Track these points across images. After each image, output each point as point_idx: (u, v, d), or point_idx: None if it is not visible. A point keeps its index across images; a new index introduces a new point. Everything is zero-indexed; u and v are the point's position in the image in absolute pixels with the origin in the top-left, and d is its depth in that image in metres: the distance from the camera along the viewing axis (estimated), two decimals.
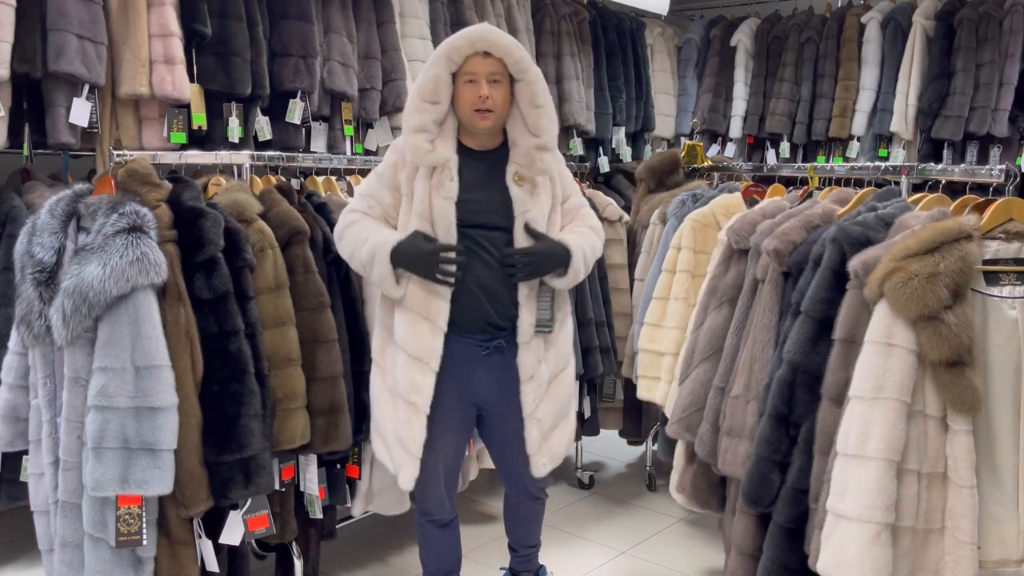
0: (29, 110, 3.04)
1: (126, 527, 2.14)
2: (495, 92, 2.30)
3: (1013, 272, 2.08)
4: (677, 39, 5.98)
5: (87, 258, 2.12)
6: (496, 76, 2.30)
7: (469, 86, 2.30)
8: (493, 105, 2.30)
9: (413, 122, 2.31)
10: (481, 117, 2.31)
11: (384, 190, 2.42)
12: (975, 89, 4.68)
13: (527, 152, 2.35)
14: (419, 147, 2.30)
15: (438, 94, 2.29)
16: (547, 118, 2.36)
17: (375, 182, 2.45)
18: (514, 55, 2.30)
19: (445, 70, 2.30)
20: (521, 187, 2.36)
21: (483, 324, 2.39)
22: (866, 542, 1.94)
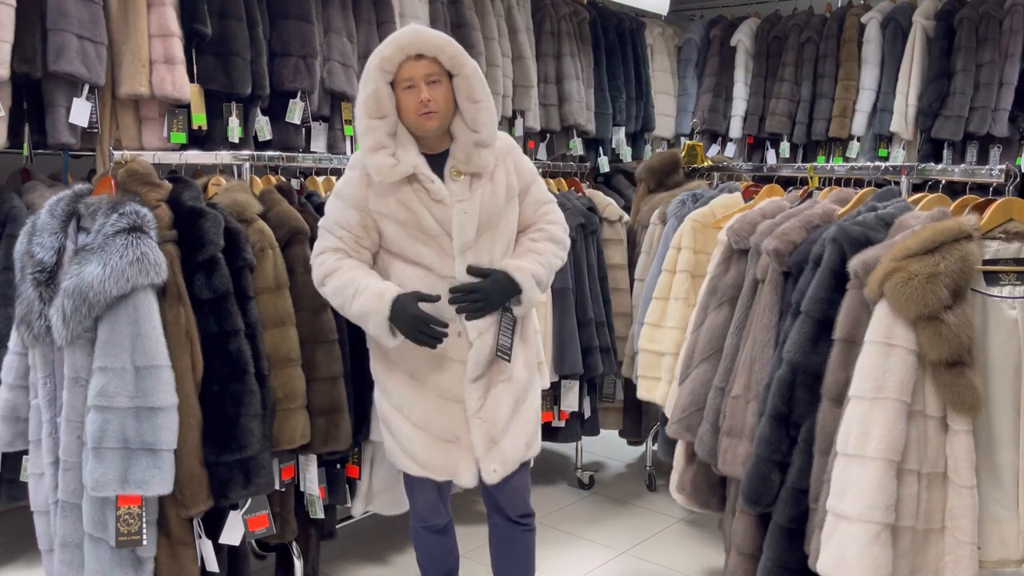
0: (29, 110, 3.04)
1: (126, 527, 2.14)
2: (435, 92, 2.22)
3: (1013, 272, 2.08)
4: (677, 39, 5.98)
5: (87, 258, 2.12)
6: (434, 76, 2.22)
7: (409, 92, 2.23)
8: (435, 106, 2.22)
9: (369, 142, 2.24)
10: (427, 119, 2.23)
11: (350, 211, 2.31)
12: (975, 89, 4.68)
13: (465, 147, 2.28)
14: (383, 164, 2.23)
15: (382, 107, 2.23)
16: (485, 112, 2.27)
17: (338, 205, 2.33)
18: (447, 52, 2.22)
19: (382, 82, 2.23)
20: (457, 181, 2.29)
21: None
22: (866, 542, 1.94)
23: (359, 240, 2.33)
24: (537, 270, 2.35)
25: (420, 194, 2.26)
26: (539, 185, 2.47)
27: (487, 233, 2.32)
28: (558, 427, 3.67)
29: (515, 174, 2.39)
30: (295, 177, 3.11)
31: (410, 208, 2.26)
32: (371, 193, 2.28)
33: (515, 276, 2.31)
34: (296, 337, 2.51)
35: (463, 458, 2.35)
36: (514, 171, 2.39)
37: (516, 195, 2.39)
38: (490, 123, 2.29)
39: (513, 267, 2.32)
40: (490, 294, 2.28)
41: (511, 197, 2.37)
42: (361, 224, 2.31)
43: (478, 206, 2.28)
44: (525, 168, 2.44)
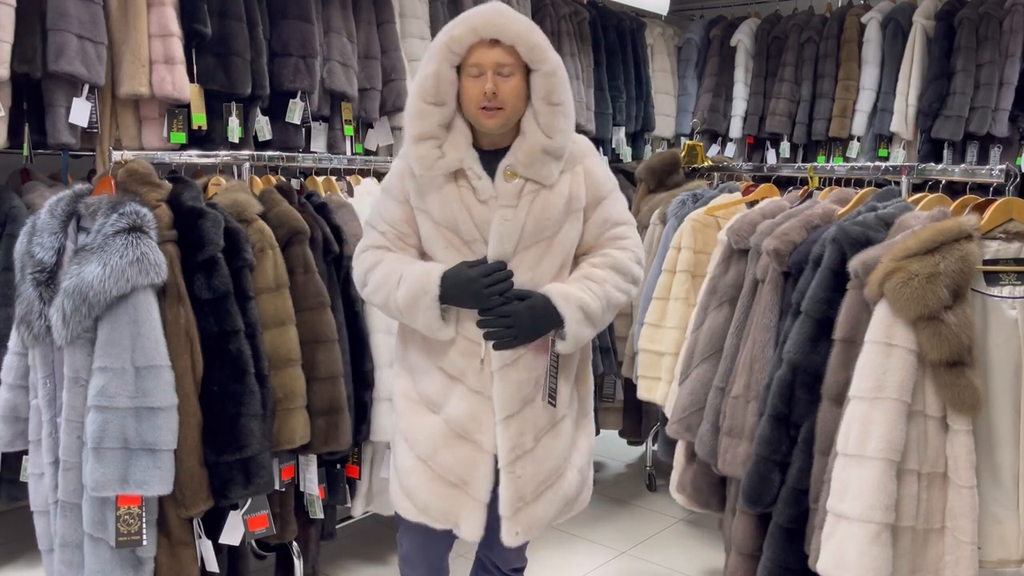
0: (29, 110, 3.04)
1: (126, 527, 2.14)
2: (504, 86, 1.92)
3: (1013, 272, 2.08)
4: (677, 39, 5.98)
5: (87, 258, 2.12)
6: (506, 67, 1.92)
7: (475, 80, 1.93)
8: (502, 101, 1.92)
9: (416, 129, 1.96)
10: (488, 115, 1.93)
11: (393, 204, 2.05)
12: (975, 89, 4.68)
13: (531, 150, 1.96)
14: (426, 156, 1.95)
15: (441, 93, 1.94)
16: (563, 118, 1.97)
17: (383, 199, 2.09)
18: (527, 41, 1.93)
19: (447, 64, 1.93)
20: (509, 183, 1.97)
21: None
22: (866, 542, 1.94)
23: (403, 237, 2.05)
24: (588, 301, 1.97)
25: (464, 192, 1.97)
26: (615, 201, 2.10)
27: (533, 248, 1.98)
28: None
29: (583, 184, 2.03)
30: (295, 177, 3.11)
31: (449, 207, 1.97)
32: (412, 187, 2.02)
33: (557, 304, 1.95)
34: (296, 337, 2.51)
35: (468, 507, 2.00)
36: (583, 180, 2.04)
37: (580, 208, 2.03)
38: (567, 131, 1.99)
39: (557, 293, 1.97)
40: (523, 320, 1.94)
41: (573, 211, 2.02)
42: (404, 218, 2.04)
43: (524, 214, 1.95)
44: (598, 178, 2.07)
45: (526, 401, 1.99)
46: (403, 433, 2.08)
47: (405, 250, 2.06)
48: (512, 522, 2.00)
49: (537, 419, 2.01)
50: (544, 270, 1.99)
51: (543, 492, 2.04)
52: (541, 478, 2.02)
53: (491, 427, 1.98)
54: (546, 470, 2.03)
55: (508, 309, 1.94)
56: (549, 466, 2.03)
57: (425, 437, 2.03)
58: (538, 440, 2.01)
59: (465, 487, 2.00)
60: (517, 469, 1.98)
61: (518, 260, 1.97)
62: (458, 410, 1.99)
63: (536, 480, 2.01)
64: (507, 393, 1.97)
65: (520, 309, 1.94)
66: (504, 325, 1.94)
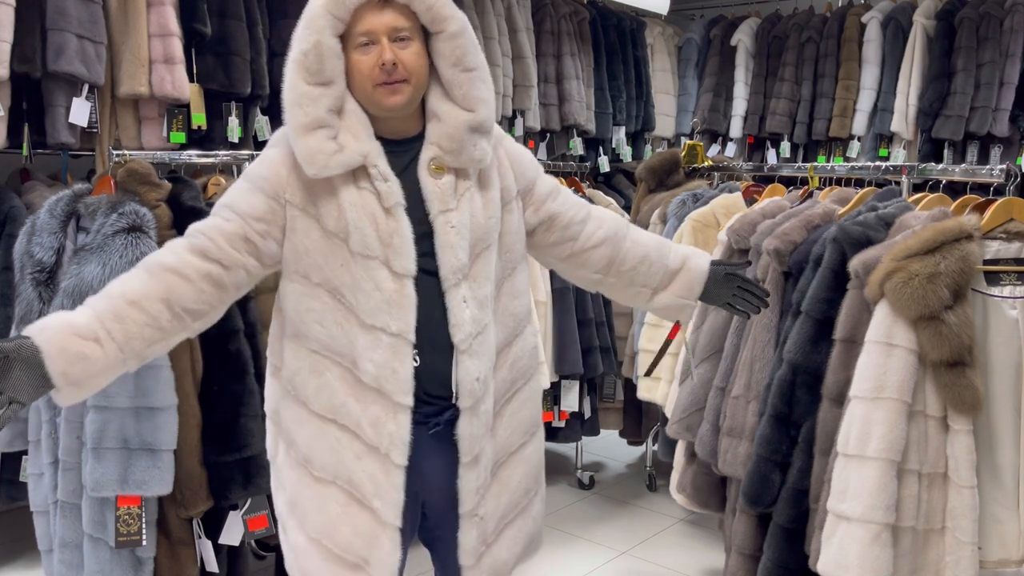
0: (29, 110, 3.04)
1: (125, 527, 2.14)
2: (404, 54, 1.58)
3: (1013, 272, 2.08)
4: (677, 39, 5.98)
5: (86, 258, 2.12)
6: (403, 32, 1.58)
7: (365, 51, 1.58)
8: (404, 72, 1.58)
9: (301, 117, 1.60)
10: (388, 92, 1.58)
11: (258, 197, 1.63)
12: (976, 89, 4.68)
13: (454, 132, 1.63)
14: (320, 150, 1.57)
15: (325, 70, 1.58)
16: (482, 85, 1.64)
17: (242, 187, 1.66)
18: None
19: (330, 33, 1.57)
20: (439, 179, 1.64)
21: (426, 394, 1.66)
22: (867, 542, 1.94)
23: (246, 237, 1.61)
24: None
25: (367, 196, 1.61)
26: (543, 175, 1.86)
27: (484, 254, 1.69)
28: (558, 427, 3.67)
29: (510, 169, 1.77)
30: None
31: (346, 216, 1.60)
32: (294, 179, 1.63)
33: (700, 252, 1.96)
34: None
35: None
36: (508, 166, 1.77)
37: (513, 198, 1.77)
38: (489, 100, 1.66)
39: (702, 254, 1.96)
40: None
41: (506, 201, 1.75)
42: (262, 218, 1.62)
43: (468, 216, 1.65)
44: (522, 157, 1.81)
45: (487, 434, 1.71)
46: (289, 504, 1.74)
47: (228, 259, 1.61)
48: (476, 571, 1.73)
49: (494, 450, 1.76)
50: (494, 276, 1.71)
51: (503, 530, 1.78)
52: (500, 513, 1.76)
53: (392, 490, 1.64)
54: (504, 503, 1.77)
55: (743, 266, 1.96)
56: (507, 499, 1.77)
57: (315, 510, 1.68)
58: (494, 473, 1.75)
59: (365, 568, 1.67)
60: (480, 511, 1.72)
61: (474, 273, 1.66)
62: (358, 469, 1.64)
63: (496, 516, 1.76)
64: (474, 430, 1.68)
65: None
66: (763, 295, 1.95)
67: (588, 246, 1.85)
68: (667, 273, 1.90)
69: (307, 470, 1.69)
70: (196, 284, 1.58)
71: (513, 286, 1.78)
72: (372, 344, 1.61)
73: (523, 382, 1.81)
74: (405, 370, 1.61)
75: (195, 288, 1.58)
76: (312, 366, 1.66)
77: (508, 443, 1.78)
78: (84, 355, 1.51)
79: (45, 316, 1.57)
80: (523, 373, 1.81)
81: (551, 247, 1.87)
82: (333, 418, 1.66)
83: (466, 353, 1.64)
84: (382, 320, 1.60)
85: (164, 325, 1.57)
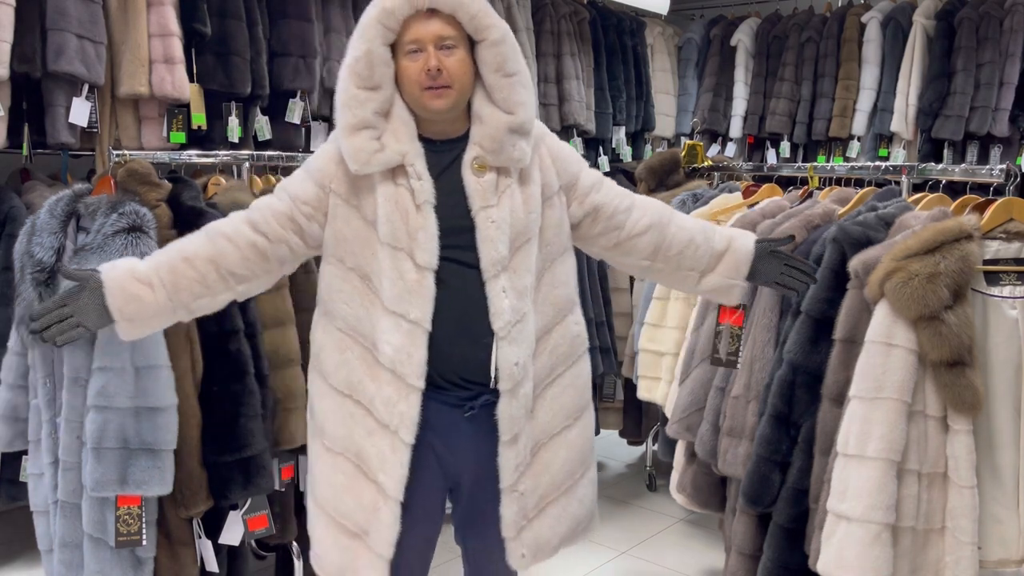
0: (29, 110, 3.04)
1: (126, 527, 2.14)
2: (449, 61, 1.70)
3: (1013, 272, 2.08)
4: (677, 39, 5.98)
5: (87, 258, 2.12)
6: (448, 40, 1.71)
7: (413, 58, 1.71)
8: (448, 78, 1.70)
9: (349, 118, 1.73)
10: (433, 96, 1.71)
11: (311, 185, 1.80)
12: (975, 89, 4.68)
13: (495, 134, 1.75)
14: (363, 149, 1.72)
15: (375, 76, 1.71)
16: (522, 89, 1.76)
17: (300, 175, 1.84)
18: (468, 8, 1.70)
19: (380, 42, 1.70)
20: (481, 177, 1.75)
21: (460, 378, 1.78)
22: (867, 542, 1.94)
23: (292, 217, 1.79)
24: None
25: (402, 193, 1.74)
26: (587, 168, 1.94)
27: (524, 248, 1.79)
28: None
29: (552, 167, 1.86)
30: None
31: (382, 209, 1.75)
32: (341, 172, 1.78)
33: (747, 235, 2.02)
34: (296, 337, 2.51)
35: (368, 564, 1.77)
36: (550, 163, 1.86)
37: (554, 193, 1.86)
38: (529, 103, 1.77)
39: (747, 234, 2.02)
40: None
41: (547, 197, 1.85)
42: (308, 202, 1.80)
43: (508, 212, 1.76)
44: (565, 154, 1.90)
45: (527, 417, 1.82)
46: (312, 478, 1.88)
47: (273, 232, 1.80)
48: (516, 543, 1.84)
49: (535, 431, 1.85)
50: (534, 268, 1.82)
51: (546, 507, 1.87)
52: (541, 491, 1.86)
53: (397, 467, 1.75)
54: (546, 482, 1.86)
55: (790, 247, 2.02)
56: (548, 479, 1.87)
57: (325, 480, 1.82)
58: (535, 453, 1.86)
59: (364, 538, 1.78)
60: (520, 487, 1.83)
61: (514, 265, 1.77)
62: (367, 444, 1.77)
63: (536, 494, 1.85)
64: (513, 411, 1.78)
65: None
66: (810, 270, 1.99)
67: (634, 234, 1.93)
68: (713, 255, 1.97)
69: (320, 440, 1.84)
70: (242, 251, 1.79)
71: (553, 277, 1.87)
72: (392, 328, 1.73)
73: (564, 368, 1.90)
74: (420, 355, 1.73)
75: (241, 254, 1.79)
76: (337, 343, 1.80)
77: (549, 426, 1.87)
78: (138, 296, 1.75)
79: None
80: (563, 359, 1.89)
81: (597, 237, 1.94)
82: (350, 394, 1.79)
83: (505, 340, 1.75)
84: (403, 307, 1.72)
85: (210, 283, 1.79)
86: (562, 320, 1.89)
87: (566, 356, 1.90)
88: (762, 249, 1.98)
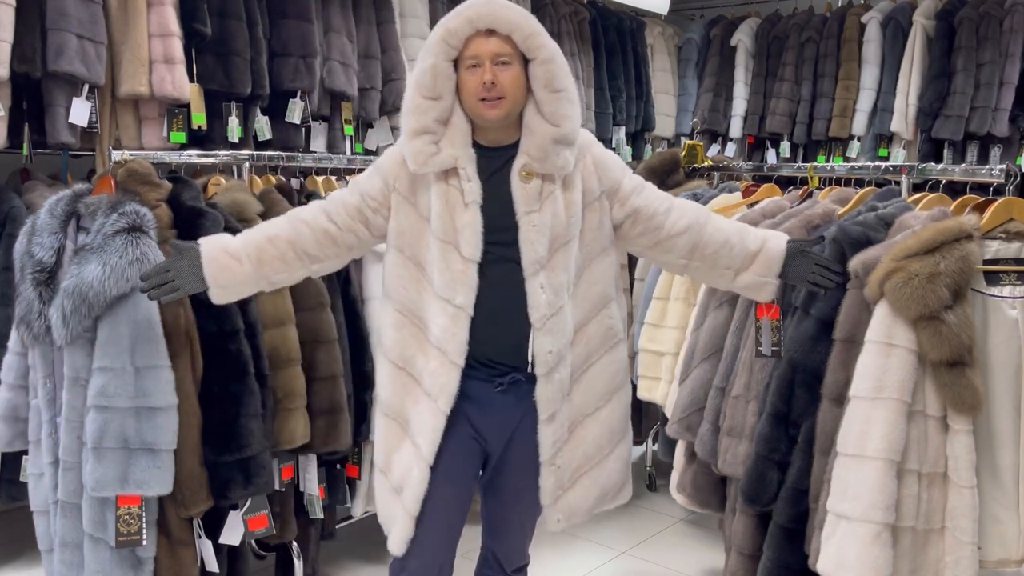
0: (29, 110, 3.04)
1: (126, 527, 2.14)
2: (503, 75, 1.90)
3: (1013, 272, 2.08)
4: (677, 39, 5.99)
5: (87, 258, 2.12)
6: (504, 57, 1.90)
7: (472, 72, 1.91)
8: (502, 91, 1.90)
9: (412, 124, 1.94)
10: (488, 107, 1.91)
11: (378, 181, 2.03)
12: (975, 89, 4.68)
13: (542, 143, 1.94)
14: (421, 152, 1.93)
15: (438, 87, 1.92)
16: (568, 103, 1.95)
17: (371, 173, 2.07)
18: (523, 30, 1.91)
19: (443, 58, 1.92)
20: (528, 183, 1.95)
21: (492, 359, 1.98)
22: (866, 542, 1.94)
23: (360, 210, 2.02)
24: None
25: (452, 192, 1.96)
26: (630, 175, 2.11)
27: (562, 250, 1.98)
28: None
29: (594, 174, 2.03)
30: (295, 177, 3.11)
31: (434, 205, 1.96)
32: (404, 172, 1.99)
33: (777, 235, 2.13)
34: (296, 337, 2.51)
35: (401, 516, 2.03)
36: (593, 170, 2.03)
37: (596, 199, 2.04)
38: (574, 117, 1.97)
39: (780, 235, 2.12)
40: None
41: (589, 203, 2.03)
42: (380, 199, 2.02)
43: (550, 217, 1.95)
44: (609, 162, 2.07)
45: (564, 398, 2.02)
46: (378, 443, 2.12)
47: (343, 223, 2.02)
48: (553, 510, 2.06)
49: (571, 412, 2.05)
50: (572, 268, 2.00)
51: (579, 479, 2.08)
52: (576, 464, 2.06)
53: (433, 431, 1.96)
54: (579, 456, 2.06)
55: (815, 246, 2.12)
56: (581, 452, 2.07)
57: (383, 442, 2.08)
58: (572, 431, 2.06)
59: (399, 495, 2.02)
60: (557, 460, 2.03)
61: (552, 264, 1.96)
62: (413, 414, 2.01)
63: (571, 466, 2.06)
64: (550, 394, 1.98)
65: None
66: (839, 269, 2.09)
67: (672, 234, 2.08)
68: (748, 255, 2.10)
69: (380, 407, 2.08)
70: (317, 235, 2.02)
71: (591, 274, 2.06)
72: (440, 311, 1.95)
73: (598, 356, 2.09)
74: (462, 336, 1.94)
75: (315, 238, 2.02)
76: (395, 322, 2.03)
77: (584, 406, 2.07)
78: (229, 267, 2.02)
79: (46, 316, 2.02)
80: (597, 348, 2.08)
81: (638, 237, 2.10)
82: (403, 367, 2.03)
83: (541, 330, 1.95)
84: (450, 293, 1.94)
85: (288, 260, 2.03)
86: (598, 314, 2.08)
87: (600, 345, 2.08)
88: (793, 249, 2.09)
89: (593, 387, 2.08)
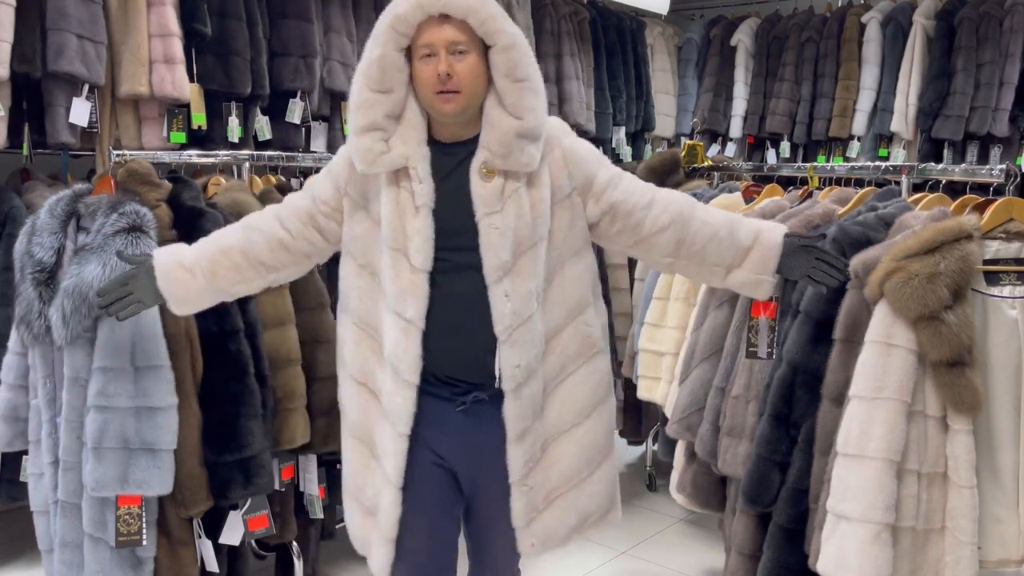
0: (29, 110, 3.04)
1: (126, 527, 2.14)
2: (460, 65, 1.71)
3: (1013, 272, 2.08)
4: (677, 39, 5.99)
5: (87, 258, 2.12)
6: (460, 45, 1.72)
7: (426, 62, 1.73)
8: (458, 83, 1.72)
9: (359, 120, 1.77)
10: (444, 100, 1.72)
11: (329, 185, 1.88)
12: (975, 89, 4.68)
13: (503, 138, 1.75)
14: (369, 150, 1.76)
15: (387, 80, 1.74)
16: (531, 94, 1.76)
17: (322, 176, 1.92)
18: (479, 14, 1.71)
19: (393, 47, 1.73)
20: (488, 182, 1.76)
21: (452, 376, 1.82)
22: (866, 542, 1.94)
23: (312, 215, 1.89)
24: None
25: (403, 195, 1.79)
26: (606, 163, 1.91)
27: (530, 252, 1.80)
28: None
29: (565, 168, 1.84)
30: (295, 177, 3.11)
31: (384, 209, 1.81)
32: (354, 173, 1.84)
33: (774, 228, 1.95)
34: (296, 337, 2.51)
35: (377, 541, 1.89)
36: (563, 165, 1.84)
37: (567, 195, 1.85)
38: (538, 109, 1.77)
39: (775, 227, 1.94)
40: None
41: (558, 201, 1.85)
42: (327, 202, 1.88)
43: (513, 218, 1.77)
44: (581, 154, 1.87)
45: (536, 415, 1.85)
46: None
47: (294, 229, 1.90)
48: (526, 533, 1.88)
49: (544, 429, 1.88)
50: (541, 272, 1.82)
51: (554, 500, 1.90)
52: (551, 484, 1.89)
53: (396, 454, 1.82)
54: (555, 476, 1.89)
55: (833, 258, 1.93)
56: (557, 472, 1.89)
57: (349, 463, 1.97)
58: (544, 449, 1.89)
59: (374, 516, 1.90)
60: (529, 481, 1.86)
61: (517, 269, 1.78)
62: (376, 431, 1.89)
63: (545, 487, 1.88)
64: (519, 411, 1.81)
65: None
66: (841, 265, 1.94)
67: (654, 230, 1.89)
68: (739, 251, 1.92)
69: (345, 424, 1.97)
70: (270, 244, 1.91)
71: (564, 279, 1.88)
72: (391, 325, 1.81)
73: (574, 367, 1.91)
74: (413, 352, 1.79)
75: (268, 247, 1.91)
76: (353, 336, 1.91)
77: (560, 423, 1.90)
78: (183, 281, 1.93)
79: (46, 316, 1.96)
80: (573, 359, 1.91)
81: (617, 235, 1.92)
82: (364, 382, 1.91)
83: (507, 343, 1.78)
84: (400, 306, 1.79)
85: (243, 271, 1.93)
86: (573, 321, 1.90)
87: (577, 355, 1.91)
88: (791, 244, 1.93)
89: (570, 401, 1.90)
